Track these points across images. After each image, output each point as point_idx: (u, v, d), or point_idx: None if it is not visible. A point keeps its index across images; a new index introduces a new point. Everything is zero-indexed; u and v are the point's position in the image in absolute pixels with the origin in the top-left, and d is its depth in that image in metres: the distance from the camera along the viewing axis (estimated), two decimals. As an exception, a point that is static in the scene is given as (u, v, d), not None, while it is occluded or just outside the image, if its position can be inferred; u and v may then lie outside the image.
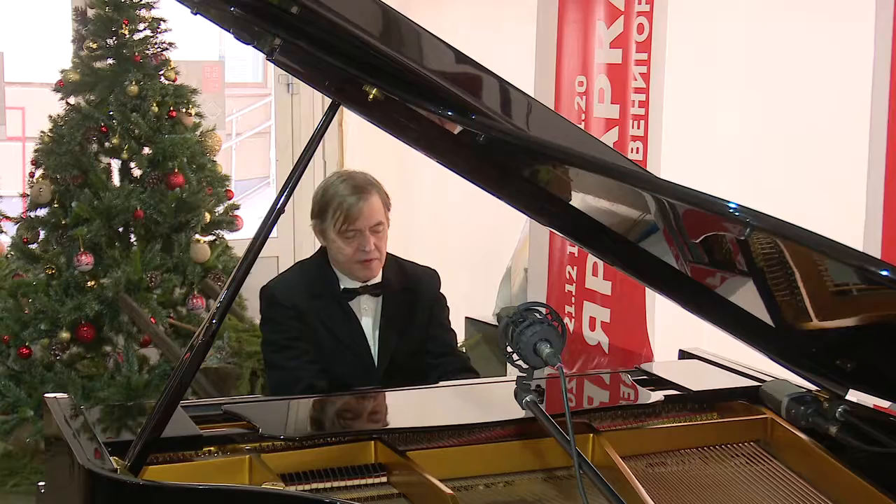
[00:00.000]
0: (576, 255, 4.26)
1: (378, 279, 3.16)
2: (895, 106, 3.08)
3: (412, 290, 3.22)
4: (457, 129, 2.20)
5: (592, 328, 4.17)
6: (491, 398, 2.76)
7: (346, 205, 3.05)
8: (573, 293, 4.26)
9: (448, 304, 3.33)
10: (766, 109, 4.11)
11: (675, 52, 3.81)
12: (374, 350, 3.16)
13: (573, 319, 4.26)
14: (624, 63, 3.92)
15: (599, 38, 4.03)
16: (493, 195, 2.32)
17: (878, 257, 2.67)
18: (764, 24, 4.11)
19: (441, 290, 3.30)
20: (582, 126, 4.06)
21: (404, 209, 4.46)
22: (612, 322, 4.08)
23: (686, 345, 3.04)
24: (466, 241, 5.60)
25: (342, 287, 3.15)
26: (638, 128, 3.87)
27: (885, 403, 2.33)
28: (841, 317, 1.95)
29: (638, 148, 3.86)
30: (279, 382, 3.14)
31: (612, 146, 3.76)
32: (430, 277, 3.28)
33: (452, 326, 3.36)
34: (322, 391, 2.95)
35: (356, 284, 3.15)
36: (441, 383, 3.04)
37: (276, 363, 3.14)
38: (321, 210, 3.13)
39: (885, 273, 1.58)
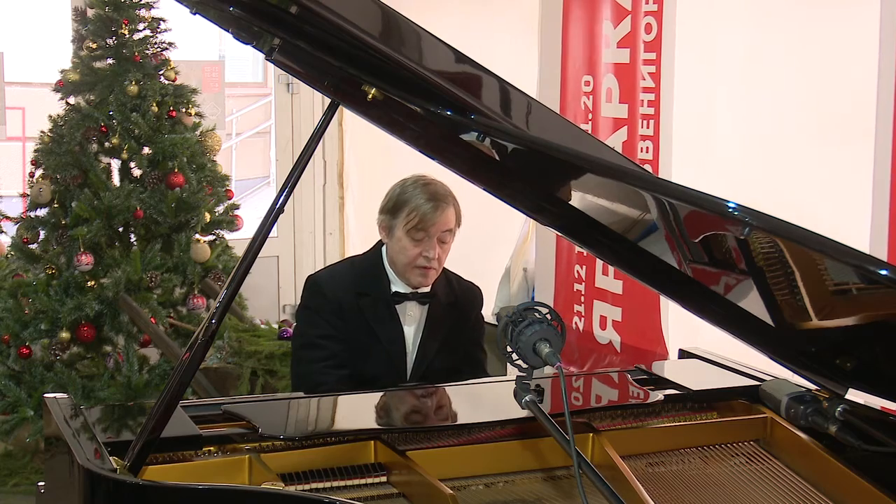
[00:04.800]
0: (584, 254, 4.24)
1: (427, 288, 3.16)
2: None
3: (458, 306, 3.23)
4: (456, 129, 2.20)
5: (603, 327, 4.15)
6: (491, 398, 2.76)
7: (422, 210, 3.06)
8: (583, 292, 4.25)
9: (484, 323, 3.35)
10: (774, 108, 4.10)
11: (682, 52, 3.81)
12: (411, 357, 3.16)
13: (583, 318, 4.24)
14: (632, 63, 3.91)
15: (606, 37, 4.02)
16: (493, 195, 2.32)
17: (885, 258, 2.66)
18: (771, 23, 4.10)
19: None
20: (589, 126, 4.06)
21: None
22: (623, 321, 4.06)
23: (697, 343, 3.03)
24: (465, 240, 5.59)
25: (393, 290, 3.14)
26: (647, 127, 3.86)
27: (885, 403, 2.33)
28: (841, 316, 1.95)
29: (648, 147, 3.85)
30: (299, 378, 3.14)
31: (614, 146, 3.77)
32: (475, 295, 3.31)
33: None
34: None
35: (407, 290, 3.14)
36: (441, 383, 3.03)
37: (303, 359, 3.12)
38: (395, 208, 3.11)
39: (884, 273, 1.58)
